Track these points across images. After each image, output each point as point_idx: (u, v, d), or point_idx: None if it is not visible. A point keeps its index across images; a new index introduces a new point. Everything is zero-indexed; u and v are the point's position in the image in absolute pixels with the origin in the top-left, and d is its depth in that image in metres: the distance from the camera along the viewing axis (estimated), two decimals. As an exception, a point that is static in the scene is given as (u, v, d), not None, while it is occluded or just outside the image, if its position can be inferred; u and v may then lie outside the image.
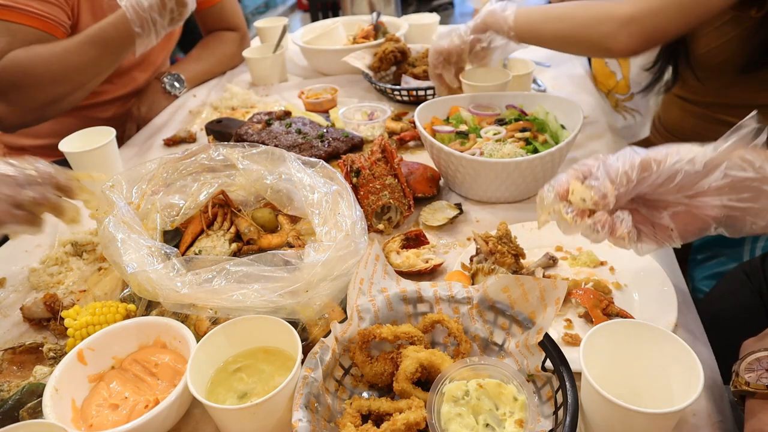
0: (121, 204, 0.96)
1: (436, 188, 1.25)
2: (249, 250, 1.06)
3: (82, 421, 0.78)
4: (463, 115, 1.39)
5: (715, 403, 0.78)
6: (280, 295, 0.80)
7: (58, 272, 1.14)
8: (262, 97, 1.94)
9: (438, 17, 2.23)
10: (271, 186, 1.07)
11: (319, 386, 0.74)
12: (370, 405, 0.73)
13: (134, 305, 0.95)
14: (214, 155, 1.08)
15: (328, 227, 0.90)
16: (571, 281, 0.96)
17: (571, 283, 0.96)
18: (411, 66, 1.80)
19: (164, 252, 0.91)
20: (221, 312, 0.83)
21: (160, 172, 1.06)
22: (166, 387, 0.82)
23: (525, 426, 0.66)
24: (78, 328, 0.90)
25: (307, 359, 0.75)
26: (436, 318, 0.80)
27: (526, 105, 1.39)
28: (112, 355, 0.86)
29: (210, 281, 0.83)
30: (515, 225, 1.10)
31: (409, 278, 0.92)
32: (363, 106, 1.65)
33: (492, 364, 0.71)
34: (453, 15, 6.35)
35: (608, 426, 0.67)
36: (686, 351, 0.66)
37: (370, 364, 0.78)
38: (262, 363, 0.80)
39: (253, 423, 0.72)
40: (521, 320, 0.77)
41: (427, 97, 1.66)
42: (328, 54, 2.01)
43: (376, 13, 2.19)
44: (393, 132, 1.52)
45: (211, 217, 1.09)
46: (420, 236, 1.10)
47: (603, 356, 0.70)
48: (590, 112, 1.60)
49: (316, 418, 0.71)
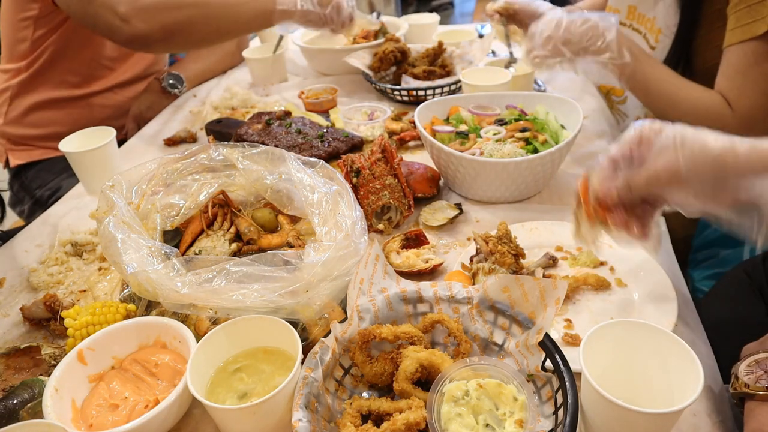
0: (121, 204, 0.95)
1: (436, 188, 1.25)
2: (249, 250, 1.06)
3: (82, 421, 0.78)
4: (463, 115, 1.39)
5: (715, 403, 0.78)
6: (280, 295, 0.80)
7: (58, 272, 1.14)
8: (262, 97, 1.94)
9: (438, 17, 2.23)
10: (271, 186, 1.07)
11: (319, 386, 0.74)
12: (370, 405, 0.73)
13: (134, 305, 0.95)
14: (214, 155, 1.08)
15: (328, 227, 0.90)
16: (571, 278, 0.96)
17: (572, 280, 0.96)
18: (411, 66, 1.80)
19: (164, 252, 0.91)
20: (221, 312, 0.83)
21: (160, 172, 1.06)
22: (166, 387, 0.82)
23: (525, 426, 0.66)
24: (78, 328, 0.90)
25: (307, 359, 0.75)
26: (436, 318, 0.80)
27: (526, 105, 1.39)
28: (112, 355, 0.86)
29: (210, 281, 0.83)
30: (515, 225, 1.10)
31: (409, 278, 0.92)
32: (363, 106, 1.65)
33: (492, 364, 0.71)
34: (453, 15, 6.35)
35: (608, 426, 0.66)
36: (686, 351, 0.66)
37: (370, 364, 0.78)
38: (262, 363, 0.80)
39: (253, 423, 0.72)
40: (521, 320, 0.77)
41: (427, 97, 1.66)
42: (328, 54, 2.01)
43: (376, 13, 2.19)
44: (393, 132, 1.52)
45: (211, 217, 1.09)
46: (420, 236, 1.10)
47: (603, 356, 0.70)
48: (590, 112, 1.60)
49: (316, 418, 0.71)
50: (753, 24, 1.17)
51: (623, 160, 0.77)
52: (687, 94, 1.26)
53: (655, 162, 0.73)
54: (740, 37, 1.19)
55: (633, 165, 0.76)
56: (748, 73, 1.19)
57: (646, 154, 0.74)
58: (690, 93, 1.25)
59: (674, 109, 1.27)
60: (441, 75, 1.76)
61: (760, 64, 1.18)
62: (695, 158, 0.69)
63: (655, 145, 0.73)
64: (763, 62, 1.18)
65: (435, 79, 1.74)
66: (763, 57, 1.17)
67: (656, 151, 0.73)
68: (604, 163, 0.80)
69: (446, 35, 2.08)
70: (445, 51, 1.83)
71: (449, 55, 1.84)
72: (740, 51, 1.20)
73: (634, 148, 0.76)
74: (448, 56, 1.83)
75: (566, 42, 1.27)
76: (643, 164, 0.74)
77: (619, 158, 0.78)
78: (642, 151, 0.75)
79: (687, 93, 1.26)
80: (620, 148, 0.78)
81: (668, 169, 0.71)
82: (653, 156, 0.73)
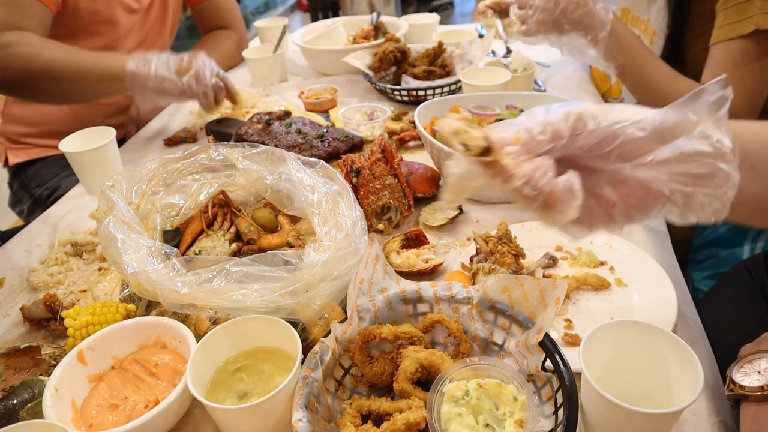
0: (121, 204, 0.95)
1: (436, 188, 1.25)
2: (249, 250, 1.06)
3: (82, 421, 0.78)
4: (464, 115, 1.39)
5: (715, 403, 0.78)
6: (280, 295, 0.80)
7: (58, 272, 1.14)
8: (262, 97, 1.94)
9: (438, 17, 2.23)
10: (271, 186, 1.07)
11: (319, 386, 0.74)
12: (370, 405, 0.73)
13: (134, 305, 0.95)
14: (214, 155, 1.08)
15: (328, 227, 0.90)
16: (571, 278, 0.96)
17: (572, 280, 0.96)
18: (411, 66, 1.80)
19: (164, 252, 0.91)
20: (221, 312, 0.83)
21: (160, 172, 1.06)
22: (166, 387, 0.82)
23: (525, 426, 0.66)
24: (78, 328, 0.90)
25: (307, 359, 0.75)
26: (436, 318, 0.80)
27: (526, 105, 1.39)
28: (112, 355, 0.86)
29: (210, 281, 0.83)
30: (515, 225, 1.10)
31: (409, 278, 0.92)
32: (363, 106, 1.65)
33: (492, 364, 0.71)
34: (453, 15, 6.35)
35: (608, 426, 0.66)
36: (686, 351, 0.66)
37: (370, 364, 0.78)
38: (262, 363, 0.80)
39: (253, 423, 0.72)
40: (521, 320, 0.77)
41: (427, 97, 1.66)
42: (328, 54, 2.01)
43: (376, 13, 2.19)
44: (393, 132, 1.52)
45: (211, 217, 1.09)
46: (420, 236, 1.10)
47: (603, 356, 0.70)
48: (590, 112, 1.60)
49: (316, 418, 0.71)
50: (739, 23, 1.17)
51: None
52: (678, 89, 1.26)
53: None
54: (727, 35, 1.19)
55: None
56: (734, 71, 1.19)
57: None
58: (682, 88, 1.25)
59: (664, 102, 1.28)
60: (441, 75, 1.76)
61: (745, 62, 1.18)
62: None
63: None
64: (749, 61, 1.18)
65: (435, 79, 1.74)
66: (749, 56, 1.18)
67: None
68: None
69: (446, 35, 2.08)
70: (445, 51, 1.83)
71: (449, 55, 1.84)
72: (726, 49, 1.20)
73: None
74: (448, 56, 1.83)
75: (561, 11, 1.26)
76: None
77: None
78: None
79: (678, 87, 1.26)
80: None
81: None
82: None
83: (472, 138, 0.59)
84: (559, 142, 0.59)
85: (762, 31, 1.15)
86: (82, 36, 1.69)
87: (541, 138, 0.59)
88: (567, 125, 0.59)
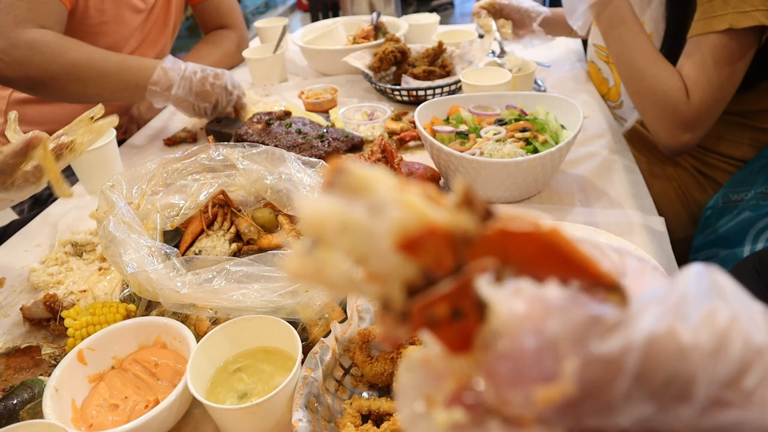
0: (121, 204, 0.96)
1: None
2: (249, 250, 1.06)
3: (82, 421, 0.78)
4: (463, 115, 1.39)
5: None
6: (280, 295, 0.80)
7: (58, 272, 1.14)
8: (262, 97, 1.94)
9: (438, 17, 2.23)
10: (271, 186, 1.07)
11: (319, 386, 0.74)
12: (370, 405, 0.73)
13: (134, 305, 0.95)
14: (214, 155, 1.08)
15: (328, 227, 0.90)
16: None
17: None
18: (411, 66, 1.80)
19: (164, 252, 0.91)
20: (221, 312, 0.83)
21: (160, 172, 1.06)
22: (166, 387, 0.82)
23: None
24: (78, 328, 0.90)
25: (307, 359, 0.75)
26: (436, 318, 0.80)
27: (526, 105, 1.39)
28: (112, 355, 0.86)
29: (210, 281, 0.83)
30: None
31: (409, 278, 0.91)
32: (363, 106, 1.65)
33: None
34: (453, 15, 6.35)
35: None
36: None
37: (370, 364, 0.78)
38: (262, 363, 0.80)
39: (253, 423, 0.72)
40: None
41: (427, 97, 1.66)
42: (328, 54, 2.01)
43: (376, 13, 2.19)
44: (393, 132, 1.52)
45: (211, 217, 1.09)
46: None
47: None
48: (590, 112, 1.60)
49: (316, 418, 0.71)
50: (714, 19, 1.18)
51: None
52: (656, 72, 1.27)
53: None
54: (702, 30, 1.20)
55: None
56: (705, 65, 1.21)
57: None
58: (659, 72, 1.27)
59: (639, 81, 1.30)
60: (441, 75, 1.76)
61: (716, 59, 1.20)
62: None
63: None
64: (720, 58, 1.19)
65: (435, 79, 1.74)
66: (720, 52, 1.19)
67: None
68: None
69: (446, 35, 2.08)
70: (445, 51, 1.83)
71: (449, 55, 1.84)
72: (701, 42, 1.22)
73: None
74: (448, 56, 1.83)
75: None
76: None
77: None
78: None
79: (656, 71, 1.28)
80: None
81: None
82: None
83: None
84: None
85: (735, 30, 1.15)
86: (88, 35, 1.69)
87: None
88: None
